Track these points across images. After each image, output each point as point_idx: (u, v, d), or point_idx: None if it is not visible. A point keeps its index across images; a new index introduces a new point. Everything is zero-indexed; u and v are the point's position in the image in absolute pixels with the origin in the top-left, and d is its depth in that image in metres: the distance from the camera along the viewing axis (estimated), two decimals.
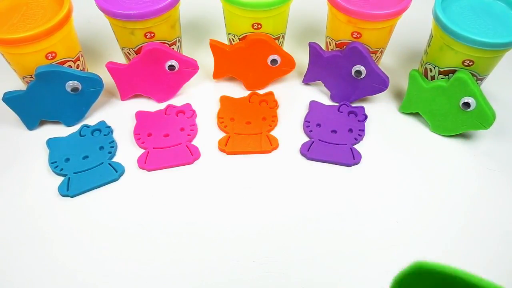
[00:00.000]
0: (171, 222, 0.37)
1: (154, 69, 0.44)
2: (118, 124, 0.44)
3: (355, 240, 0.36)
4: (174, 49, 0.46)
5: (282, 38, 0.47)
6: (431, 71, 0.44)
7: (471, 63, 0.40)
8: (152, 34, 0.43)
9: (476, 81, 0.41)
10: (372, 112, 0.45)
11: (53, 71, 0.40)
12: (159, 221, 0.37)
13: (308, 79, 0.48)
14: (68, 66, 0.43)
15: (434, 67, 0.43)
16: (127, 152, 0.42)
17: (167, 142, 0.42)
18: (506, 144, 0.43)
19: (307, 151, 0.41)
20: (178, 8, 0.45)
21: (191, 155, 0.41)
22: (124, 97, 0.46)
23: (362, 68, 0.42)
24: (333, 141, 0.42)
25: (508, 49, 0.39)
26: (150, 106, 0.46)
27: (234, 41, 0.47)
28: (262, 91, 0.47)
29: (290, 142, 0.43)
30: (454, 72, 0.41)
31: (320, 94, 0.47)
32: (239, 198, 0.39)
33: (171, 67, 0.44)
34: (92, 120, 0.44)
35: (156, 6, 0.41)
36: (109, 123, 0.44)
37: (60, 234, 0.36)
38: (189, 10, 0.53)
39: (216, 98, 0.46)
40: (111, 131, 0.43)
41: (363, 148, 0.42)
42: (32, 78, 0.41)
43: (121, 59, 0.48)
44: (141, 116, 0.44)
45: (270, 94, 0.46)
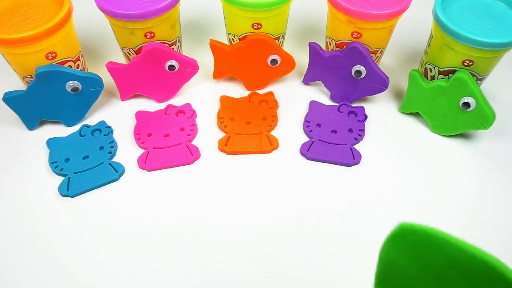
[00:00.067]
0: (171, 222, 0.37)
1: (154, 69, 0.44)
2: (118, 124, 0.44)
3: (355, 240, 0.36)
4: (174, 49, 0.46)
5: (282, 38, 0.47)
6: (431, 71, 0.44)
7: (471, 63, 0.40)
8: (152, 34, 0.43)
9: (476, 81, 0.41)
10: (372, 112, 0.45)
11: (53, 71, 0.40)
12: (159, 221, 0.37)
13: (308, 79, 0.48)
14: (68, 66, 0.43)
15: (434, 67, 0.43)
16: (127, 152, 0.42)
17: (167, 142, 0.42)
18: (506, 144, 0.43)
19: (307, 151, 0.41)
20: (178, 8, 0.45)
21: (191, 155, 0.41)
22: (124, 97, 0.46)
23: (362, 68, 0.42)
24: (333, 141, 0.42)
25: (508, 49, 0.39)
26: (150, 106, 0.46)
27: (234, 41, 0.47)
28: (262, 91, 0.47)
29: (290, 142, 0.43)
30: (454, 72, 0.41)
31: (320, 94, 0.47)
32: (239, 198, 0.39)
33: (171, 67, 0.44)
34: (92, 120, 0.44)
35: (156, 6, 0.41)
36: (109, 123, 0.44)
37: (60, 234, 0.36)
38: (189, 10, 0.53)
39: (216, 98, 0.46)
40: (111, 131, 0.43)
41: (363, 148, 0.42)
42: (32, 78, 0.41)
43: (121, 59, 0.48)
44: (141, 116, 0.44)
45: (270, 94, 0.46)
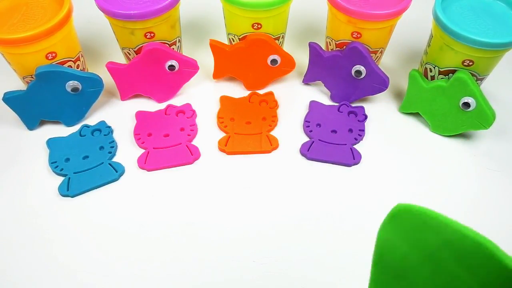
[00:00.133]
0: (171, 222, 0.37)
1: (154, 69, 0.44)
2: (118, 124, 0.44)
3: (355, 240, 0.36)
4: (174, 49, 0.46)
5: (282, 38, 0.47)
6: (431, 71, 0.44)
7: (471, 63, 0.40)
8: (152, 34, 0.43)
9: (476, 81, 0.41)
10: (372, 112, 0.45)
11: (53, 71, 0.40)
12: (159, 221, 0.37)
13: (308, 79, 0.48)
14: (68, 66, 0.43)
15: (434, 67, 0.43)
16: (127, 152, 0.42)
17: (167, 142, 0.42)
18: (506, 144, 0.43)
19: (307, 151, 0.41)
20: (178, 8, 0.45)
21: (191, 155, 0.41)
22: (124, 97, 0.46)
23: (362, 68, 0.42)
24: (333, 141, 0.42)
25: (508, 49, 0.39)
26: (150, 106, 0.46)
27: (234, 41, 0.47)
28: (262, 91, 0.47)
29: (290, 142, 0.43)
30: (454, 72, 0.41)
31: (320, 94, 0.47)
32: (239, 198, 0.39)
33: (171, 67, 0.44)
34: (92, 120, 0.44)
35: (156, 6, 0.41)
36: (109, 123, 0.44)
37: (60, 234, 0.36)
38: (189, 10, 0.53)
39: (216, 98, 0.46)
40: (111, 131, 0.43)
41: (363, 148, 0.42)
42: (32, 78, 0.41)
43: (121, 59, 0.48)
44: (141, 116, 0.44)
45: (270, 94, 0.46)
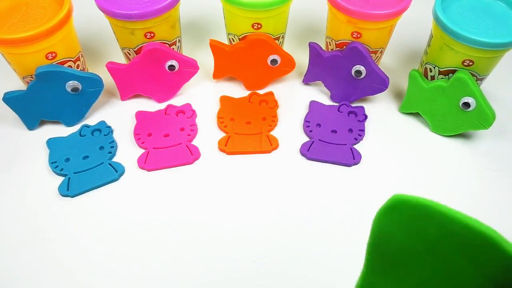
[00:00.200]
0: (171, 222, 0.37)
1: (154, 69, 0.44)
2: (118, 124, 0.44)
3: (355, 240, 0.36)
4: (174, 49, 0.46)
5: (282, 38, 0.47)
6: (431, 71, 0.44)
7: (471, 63, 0.40)
8: (152, 34, 0.43)
9: (476, 81, 0.41)
10: (372, 112, 0.45)
11: (53, 71, 0.40)
12: (159, 221, 0.37)
13: (308, 79, 0.48)
14: (68, 66, 0.43)
15: (434, 67, 0.43)
16: (127, 152, 0.42)
17: (167, 142, 0.42)
18: (506, 144, 0.43)
19: (307, 151, 0.41)
20: (178, 8, 0.45)
21: (191, 155, 0.41)
22: (124, 97, 0.46)
23: (362, 68, 0.42)
24: (333, 141, 0.42)
25: (508, 49, 0.39)
26: (150, 106, 0.46)
27: (234, 41, 0.47)
28: (262, 91, 0.47)
29: (290, 142, 0.43)
30: (454, 72, 0.41)
31: (320, 94, 0.47)
32: (239, 198, 0.39)
33: (171, 67, 0.44)
34: (92, 120, 0.44)
35: (156, 6, 0.41)
36: (109, 123, 0.44)
37: (60, 234, 0.36)
38: (189, 10, 0.53)
39: (216, 98, 0.46)
40: (111, 131, 0.43)
41: (363, 148, 0.42)
42: (32, 78, 0.41)
43: (121, 59, 0.48)
44: (141, 116, 0.44)
45: (270, 94, 0.46)
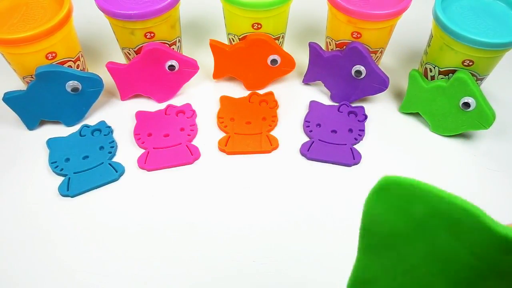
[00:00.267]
0: (171, 222, 0.37)
1: (154, 69, 0.44)
2: (118, 124, 0.44)
3: (355, 240, 0.36)
4: (174, 49, 0.46)
5: (282, 38, 0.47)
6: (431, 71, 0.44)
7: (471, 63, 0.40)
8: (152, 34, 0.43)
9: (476, 81, 0.41)
10: (372, 112, 0.45)
11: (53, 71, 0.40)
12: (159, 221, 0.37)
13: (308, 79, 0.48)
14: (68, 66, 0.43)
15: (434, 67, 0.43)
16: (127, 152, 0.42)
17: (167, 142, 0.42)
18: (506, 144, 0.43)
19: (307, 151, 0.41)
20: (178, 8, 0.45)
21: (191, 155, 0.41)
22: (124, 97, 0.46)
23: (362, 68, 0.42)
24: (333, 141, 0.42)
25: (508, 49, 0.39)
26: (150, 106, 0.46)
27: (234, 41, 0.47)
28: (262, 91, 0.47)
29: (290, 142, 0.43)
30: (454, 72, 0.41)
31: (320, 94, 0.47)
32: (239, 198, 0.39)
33: (171, 67, 0.44)
34: (92, 120, 0.44)
35: (156, 6, 0.41)
36: (109, 123, 0.44)
37: (60, 234, 0.36)
38: (189, 10, 0.53)
39: (216, 98, 0.46)
40: (111, 131, 0.43)
41: (363, 148, 0.42)
42: (32, 78, 0.41)
43: (121, 59, 0.48)
44: (141, 116, 0.44)
45: (270, 94, 0.46)
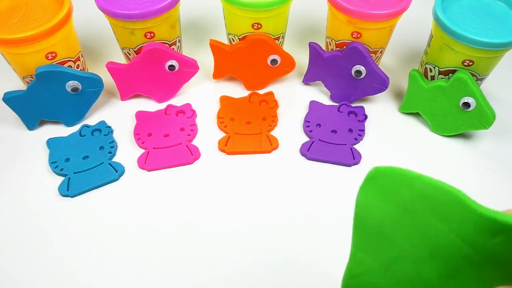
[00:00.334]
0: (171, 222, 0.37)
1: (154, 69, 0.44)
2: (118, 124, 0.44)
3: None
4: (174, 49, 0.46)
5: (282, 38, 0.47)
6: (431, 71, 0.44)
7: (471, 63, 0.40)
8: (152, 34, 0.43)
9: (476, 81, 0.41)
10: (372, 112, 0.45)
11: (53, 71, 0.40)
12: (159, 221, 0.37)
13: (308, 79, 0.48)
14: (68, 66, 0.43)
15: (434, 67, 0.43)
16: (127, 152, 0.42)
17: (167, 142, 0.42)
18: (506, 144, 0.43)
19: (307, 151, 0.41)
20: (178, 8, 0.45)
21: (191, 155, 0.41)
22: (124, 97, 0.46)
23: (362, 68, 0.42)
24: (333, 141, 0.42)
25: (508, 49, 0.39)
26: (150, 106, 0.46)
27: (234, 41, 0.47)
28: (262, 91, 0.47)
29: (290, 142, 0.43)
30: (454, 72, 0.41)
31: (320, 94, 0.47)
32: (239, 198, 0.39)
33: (171, 67, 0.44)
34: (92, 120, 0.44)
35: (156, 6, 0.41)
36: (109, 123, 0.44)
37: (60, 234, 0.36)
38: (189, 10, 0.53)
39: (216, 98, 0.46)
40: (111, 131, 0.43)
41: (363, 148, 0.42)
42: (32, 78, 0.41)
43: (121, 59, 0.48)
44: (141, 116, 0.44)
45: (270, 94, 0.46)
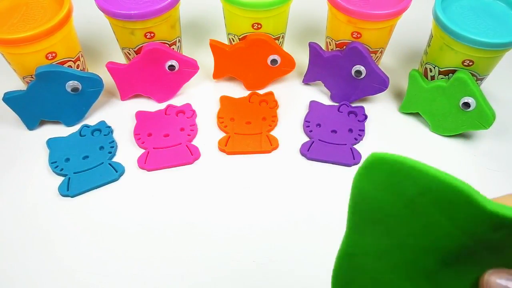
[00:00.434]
0: (171, 222, 0.37)
1: (154, 69, 0.44)
2: (118, 124, 0.44)
3: None
4: (174, 49, 0.46)
5: (282, 38, 0.47)
6: (431, 71, 0.44)
7: (471, 63, 0.40)
8: (152, 34, 0.43)
9: (476, 81, 0.41)
10: (372, 112, 0.45)
11: (53, 71, 0.40)
12: (159, 221, 0.37)
13: (308, 79, 0.48)
14: (68, 66, 0.43)
15: (434, 67, 0.43)
16: (127, 152, 0.42)
17: (167, 142, 0.42)
18: (506, 144, 0.43)
19: (307, 151, 0.41)
20: (178, 8, 0.45)
21: (191, 155, 0.41)
22: (124, 97, 0.46)
23: (362, 68, 0.42)
24: (333, 141, 0.42)
25: (508, 49, 0.39)
26: (150, 106, 0.46)
27: (234, 41, 0.47)
28: (262, 91, 0.47)
29: (290, 142, 0.43)
30: (454, 72, 0.41)
31: (320, 94, 0.47)
32: (239, 198, 0.39)
33: (171, 67, 0.44)
34: (92, 120, 0.44)
35: (156, 6, 0.41)
36: (109, 123, 0.44)
37: (60, 234, 0.36)
38: (189, 10, 0.53)
39: (216, 98, 0.46)
40: (111, 131, 0.43)
41: (363, 148, 0.42)
42: (32, 78, 0.41)
43: (121, 59, 0.48)
44: (141, 116, 0.44)
45: (270, 94, 0.46)
